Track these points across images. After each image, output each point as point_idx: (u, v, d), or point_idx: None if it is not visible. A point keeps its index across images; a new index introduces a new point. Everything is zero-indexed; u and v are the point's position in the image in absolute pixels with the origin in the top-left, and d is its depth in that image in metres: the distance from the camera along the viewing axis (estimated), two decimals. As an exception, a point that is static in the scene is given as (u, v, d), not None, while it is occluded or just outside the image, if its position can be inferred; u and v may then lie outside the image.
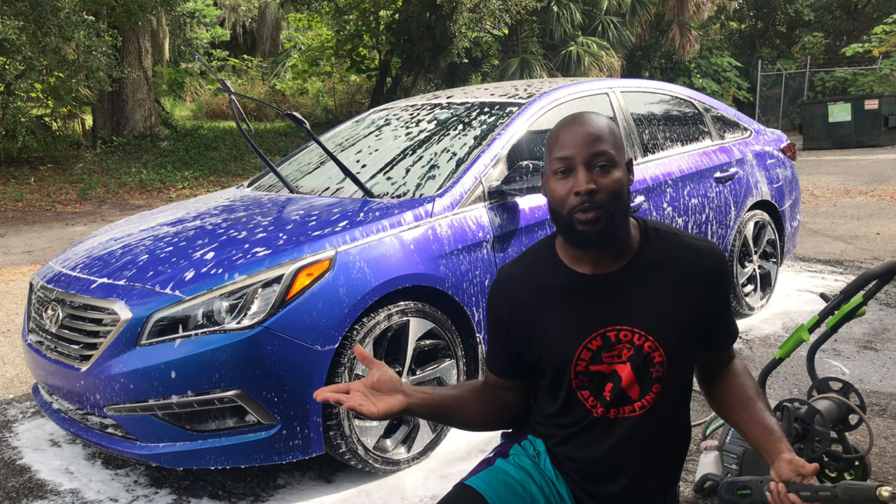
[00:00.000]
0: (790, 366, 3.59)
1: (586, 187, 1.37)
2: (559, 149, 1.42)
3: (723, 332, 1.57)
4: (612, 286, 1.46)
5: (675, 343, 1.47)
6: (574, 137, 1.40)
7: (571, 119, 1.45)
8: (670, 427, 1.54)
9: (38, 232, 8.95)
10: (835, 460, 2.41)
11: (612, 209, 1.39)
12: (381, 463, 2.69)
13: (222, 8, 24.35)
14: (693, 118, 4.36)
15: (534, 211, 3.18)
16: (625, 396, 1.48)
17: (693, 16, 20.34)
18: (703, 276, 1.48)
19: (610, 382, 1.48)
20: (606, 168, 1.39)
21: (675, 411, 1.55)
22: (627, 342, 1.46)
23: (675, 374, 1.49)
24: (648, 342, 1.46)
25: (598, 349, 1.47)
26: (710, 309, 1.49)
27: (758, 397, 1.52)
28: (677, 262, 1.47)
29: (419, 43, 15.56)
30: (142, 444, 2.50)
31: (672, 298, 1.46)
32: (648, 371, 1.47)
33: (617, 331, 1.46)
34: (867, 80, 19.94)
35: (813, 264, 5.72)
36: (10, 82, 11.92)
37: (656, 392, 1.48)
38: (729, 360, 1.61)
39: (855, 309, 2.28)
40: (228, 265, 2.57)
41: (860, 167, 12.13)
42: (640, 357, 1.46)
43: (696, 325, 1.49)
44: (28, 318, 3.06)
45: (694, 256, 1.48)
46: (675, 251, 1.48)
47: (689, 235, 1.52)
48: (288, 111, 3.15)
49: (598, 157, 1.39)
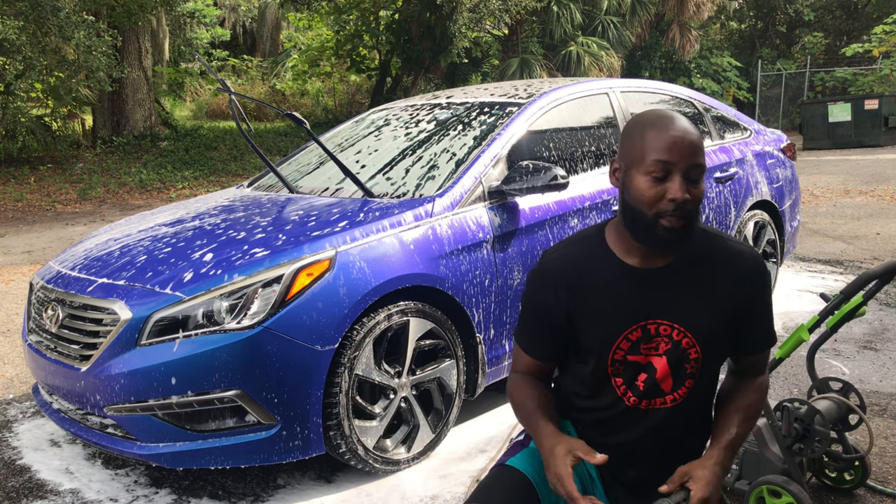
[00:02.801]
0: (790, 366, 3.59)
1: (683, 196, 1.39)
2: (660, 151, 1.41)
3: (757, 336, 1.57)
4: (657, 280, 1.49)
5: (711, 341, 1.51)
6: (677, 144, 1.40)
7: (668, 120, 1.43)
8: (696, 421, 1.59)
9: (38, 232, 8.95)
10: (835, 460, 2.41)
11: (693, 219, 1.43)
12: (381, 463, 2.69)
13: (222, 8, 24.34)
14: (693, 118, 4.36)
15: (534, 211, 3.18)
16: (658, 388, 1.52)
17: (693, 16, 20.33)
18: (745, 279, 1.50)
19: (644, 373, 1.52)
20: (698, 179, 1.42)
21: (703, 407, 1.59)
22: (666, 336, 1.50)
23: (708, 371, 1.53)
24: (686, 338, 1.49)
25: (638, 340, 1.50)
26: (747, 311, 1.52)
27: (737, 412, 1.54)
28: (721, 263, 1.50)
29: (419, 43, 15.55)
30: (142, 444, 2.50)
31: (713, 298, 1.50)
32: (683, 366, 1.51)
33: (657, 324, 1.49)
34: (867, 80, 19.92)
35: (813, 264, 5.72)
36: (10, 82, 11.92)
37: (688, 387, 1.52)
38: (757, 369, 1.61)
39: (855, 309, 2.28)
40: (228, 265, 2.57)
41: (860, 167, 12.12)
42: (676, 352, 1.50)
43: (733, 325, 1.52)
44: (28, 318, 3.06)
45: (737, 259, 1.51)
46: (720, 252, 1.51)
47: (734, 240, 1.55)
48: (288, 111, 3.15)
49: (695, 169, 1.41)
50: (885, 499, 2.41)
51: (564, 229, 3.28)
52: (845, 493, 2.43)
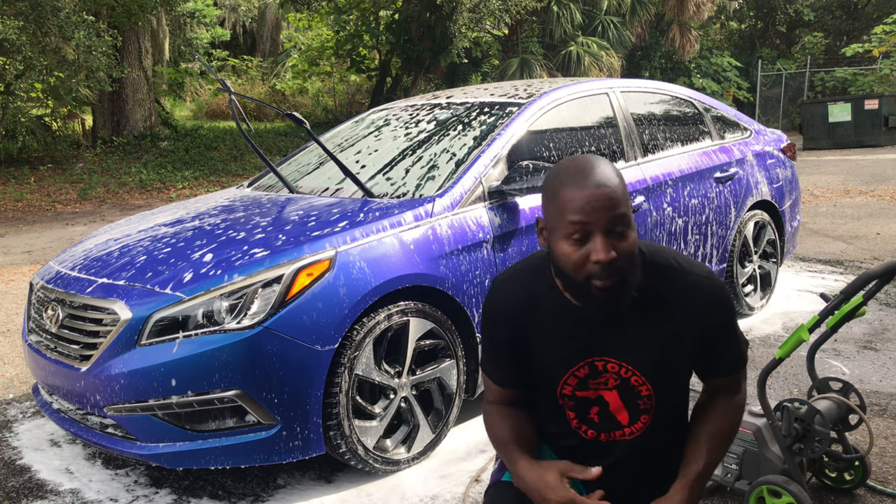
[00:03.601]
0: (790, 366, 3.59)
1: (607, 256, 1.28)
2: (573, 212, 1.29)
3: (723, 361, 1.50)
4: (604, 318, 1.42)
5: (663, 379, 1.45)
6: (591, 200, 1.28)
7: (582, 173, 1.31)
8: (668, 443, 1.55)
9: (38, 232, 8.95)
10: (835, 460, 2.41)
11: (628, 273, 1.33)
12: (381, 463, 2.69)
13: (222, 8, 24.34)
14: (693, 118, 4.36)
15: (534, 211, 3.18)
16: (614, 421, 1.48)
17: (693, 16, 20.33)
18: (703, 314, 1.42)
19: (596, 406, 1.49)
20: (623, 231, 1.31)
21: (673, 430, 1.55)
22: (614, 373, 1.45)
23: (666, 404, 1.48)
24: (635, 376, 1.44)
25: (586, 376, 1.46)
26: (710, 341, 1.45)
27: (708, 441, 1.48)
28: (675, 300, 1.42)
29: (419, 43, 15.56)
30: (142, 444, 2.50)
31: (666, 336, 1.42)
32: (636, 402, 1.47)
33: (604, 361, 1.45)
34: (867, 80, 19.93)
35: (813, 264, 5.72)
36: (10, 82, 11.92)
37: (645, 421, 1.48)
38: (731, 389, 1.54)
39: (855, 309, 2.28)
40: (228, 266, 2.57)
41: (860, 167, 12.12)
42: (626, 388, 1.46)
43: (691, 358, 1.46)
44: (28, 319, 3.06)
45: (692, 293, 1.42)
46: (674, 288, 1.42)
47: (688, 268, 1.44)
48: (288, 111, 3.15)
49: (617, 222, 1.29)
50: (885, 499, 2.41)
51: (564, 229, 3.28)
52: (845, 493, 2.43)
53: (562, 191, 1.32)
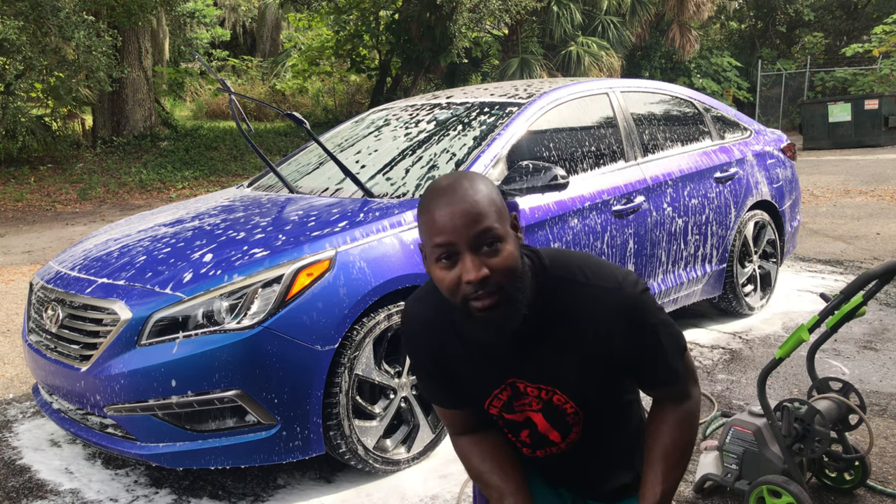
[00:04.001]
0: (790, 366, 3.59)
1: (478, 275, 1.19)
2: (436, 233, 1.21)
3: (649, 378, 1.39)
4: (513, 342, 1.33)
5: (585, 396, 1.39)
6: (451, 218, 1.20)
7: (442, 191, 1.23)
8: (615, 435, 1.49)
9: (38, 232, 8.95)
10: (835, 460, 2.41)
11: (510, 289, 1.23)
12: (381, 463, 2.69)
13: (222, 8, 24.34)
14: (693, 118, 4.36)
15: (534, 211, 3.18)
16: (546, 439, 1.45)
17: (693, 16, 20.34)
18: (609, 331, 1.31)
19: (526, 429, 1.44)
20: (494, 246, 1.21)
21: (616, 424, 1.48)
22: (535, 396, 1.39)
23: (596, 415, 1.43)
24: (556, 395, 1.38)
25: (509, 398, 1.41)
26: (623, 356, 1.34)
27: (662, 462, 1.38)
28: (579, 315, 1.32)
29: (419, 43, 15.56)
30: (142, 444, 2.50)
31: (577, 357, 1.34)
32: (564, 420, 1.41)
33: (524, 384, 1.38)
34: (867, 80, 19.93)
35: (813, 264, 5.72)
36: (10, 82, 11.92)
37: (577, 433, 1.44)
38: (675, 399, 1.42)
39: (855, 309, 2.28)
40: (227, 266, 2.57)
41: (860, 167, 12.12)
42: (549, 408, 1.40)
43: (614, 373, 1.37)
44: (28, 318, 3.06)
45: (595, 307, 1.31)
46: (576, 303, 1.32)
47: (593, 279, 1.32)
48: (288, 111, 3.15)
49: (483, 237, 1.20)
50: (885, 499, 2.41)
51: (564, 229, 3.28)
52: (845, 494, 2.43)
53: (424, 214, 1.25)
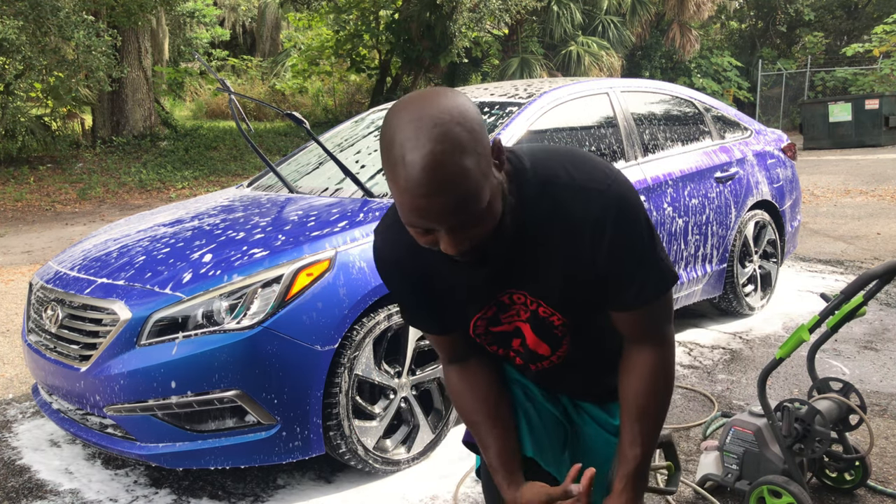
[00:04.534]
0: (790, 366, 3.59)
1: (457, 250, 1.13)
2: (413, 213, 1.07)
3: (626, 288, 1.28)
4: (496, 254, 1.24)
5: (572, 307, 1.32)
6: (425, 213, 1.07)
7: (411, 167, 1.04)
8: (606, 345, 1.42)
9: (37, 232, 8.95)
10: (835, 460, 2.41)
11: (492, 239, 1.17)
12: (381, 463, 2.69)
13: (222, 8, 24.34)
14: (693, 118, 4.35)
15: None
16: (536, 355, 1.40)
17: (693, 15, 20.36)
18: (592, 227, 1.22)
19: (517, 338, 1.38)
20: (477, 222, 1.12)
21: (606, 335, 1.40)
22: (521, 304, 1.33)
23: (584, 327, 1.36)
24: (542, 307, 1.32)
25: (495, 314, 1.35)
26: (605, 262, 1.24)
27: (640, 421, 1.33)
28: (563, 217, 1.23)
29: (419, 43, 15.56)
30: (141, 444, 2.50)
31: (560, 261, 1.26)
32: (552, 333, 1.35)
33: (509, 293, 1.32)
34: (867, 80, 19.95)
35: (813, 264, 5.72)
36: (9, 82, 11.92)
37: (567, 344, 1.38)
38: (646, 333, 1.33)
39: (855, 309, 2.27)
40: (227, 266, 2.56)
41: (861, 167, 12.12)
42: (536, 320, 1.34)
43: (598, 283, 1.27)
44: (27, 319, 3.06)
45: (582, 207, 1.22)
46: (562, 205, 1.23)
47: (578, 178, 1.23)
48: (288, 111, 3.15)
49: (466, 220, 1.10)
50: (885, 499, 2.41)
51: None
52: (846, 494, 2.43)
53: (393, 185, 1.07)
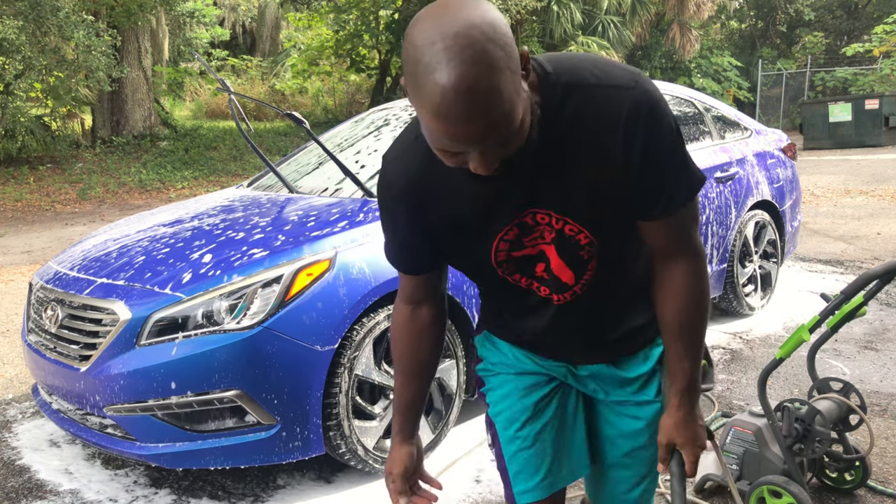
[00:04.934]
0: (791, 366, 3.59)
1: (489, 171, 1.07)
2: (445, 137, 1.00)
3: (659, 191, 1.20)
4: (519, 170, 1.16)
5: (599, 222, 1.23)
6: (463, 130, 0.99)
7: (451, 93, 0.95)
8: (632, 269, 1.35)
9: (37, 232, 8.95)
10: (835, 460, 2.40)
11: (520, 150, 1.09)
12: (381, 463, 2.68)
13: (222, 8, 24.34)
14: (693, 118, 4.35)
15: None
16: (560, 282, 1.29)
17: (693, 15, 20.36)
18: (624, 124, 1.13)
19: (541, 262, 1.28)
20: (510, 143, 1.05)
21: (633, 255, 1.33)
22: (546, 224, 1.24)
23: (611, 247, 1.28)
24: (568, 225, 1.23)
25: (517, 236, 1.25)
26: (638, 162, 1.16)
27: (681, 336, 1.30)
28: (593, 120, 1.14)
29: (419, 43, 15.54)
30: (141, 444, 2.50)
31: (589, 168, 1.17)
32: (578, 255, 1.26)
33: (532, 213, 1.23)
34: (868, 80, 19.95)
35: (813, 264, 5.72)
36: (9, 82, 11.92)
37: (593, 269, 1.28)
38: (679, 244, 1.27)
39: (855, 309, 2.27)
40: (227, 266, 2.56)
41: (861, 167, 12.12)
42: (562, 240, 1.25)
43: (627, 189, 1.19)
44: (27, 319, 3.06)
45: (606, 111, 1.13)
46: (588, 108, 1.14)
47: (605, 80, 1.15)
48: (288, 111, 3.14)
49: (499, 142, 1.03)
50: (885, 499, 2.41)
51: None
52: (846, 494, 2.43)
53: (419, 101, 0.99)
